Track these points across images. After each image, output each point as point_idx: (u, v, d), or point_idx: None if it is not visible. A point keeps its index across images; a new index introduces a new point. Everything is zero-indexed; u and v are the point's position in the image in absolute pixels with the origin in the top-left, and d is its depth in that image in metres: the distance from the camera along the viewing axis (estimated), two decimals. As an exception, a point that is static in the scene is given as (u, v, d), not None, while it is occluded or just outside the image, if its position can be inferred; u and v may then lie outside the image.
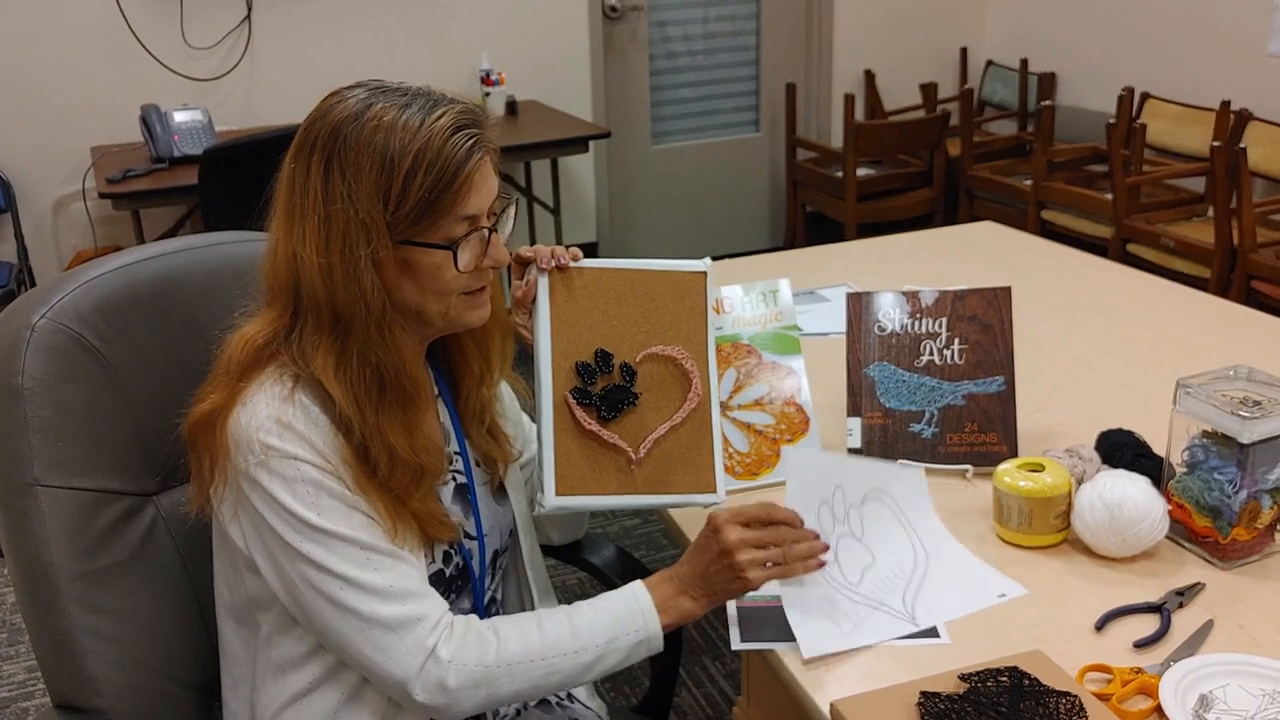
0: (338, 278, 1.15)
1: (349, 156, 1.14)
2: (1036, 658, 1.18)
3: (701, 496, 1.36)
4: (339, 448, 1.17)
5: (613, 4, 4.88)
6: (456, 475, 1.34)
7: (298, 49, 4.34)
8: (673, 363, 1.36)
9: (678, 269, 1.37)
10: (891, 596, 1.33)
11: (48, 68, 4.03)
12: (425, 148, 1.14)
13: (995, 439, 1.60)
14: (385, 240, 1.15)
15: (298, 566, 1.16)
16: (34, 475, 1.24)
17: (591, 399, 1.32)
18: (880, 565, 1.36)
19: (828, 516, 1.35)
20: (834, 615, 1.29)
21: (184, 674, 1.35)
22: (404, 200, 1.14)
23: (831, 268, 2.46)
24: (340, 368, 1.17)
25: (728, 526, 1.23)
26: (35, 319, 1.26)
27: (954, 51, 5.50)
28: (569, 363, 1.32)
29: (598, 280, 1.34)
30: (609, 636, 1.22)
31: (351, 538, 1.16)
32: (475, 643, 1.19)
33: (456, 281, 1.20)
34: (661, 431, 1.34)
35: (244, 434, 1.15)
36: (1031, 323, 2.07)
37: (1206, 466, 1.37)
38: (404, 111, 1.15)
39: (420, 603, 1.18)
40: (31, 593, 1.25)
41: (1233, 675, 1.16)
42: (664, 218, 5.28)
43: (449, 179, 1.15)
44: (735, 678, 2.52)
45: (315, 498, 1.15)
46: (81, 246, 4.19)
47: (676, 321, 1.36)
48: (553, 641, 1.21)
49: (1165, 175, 4.27)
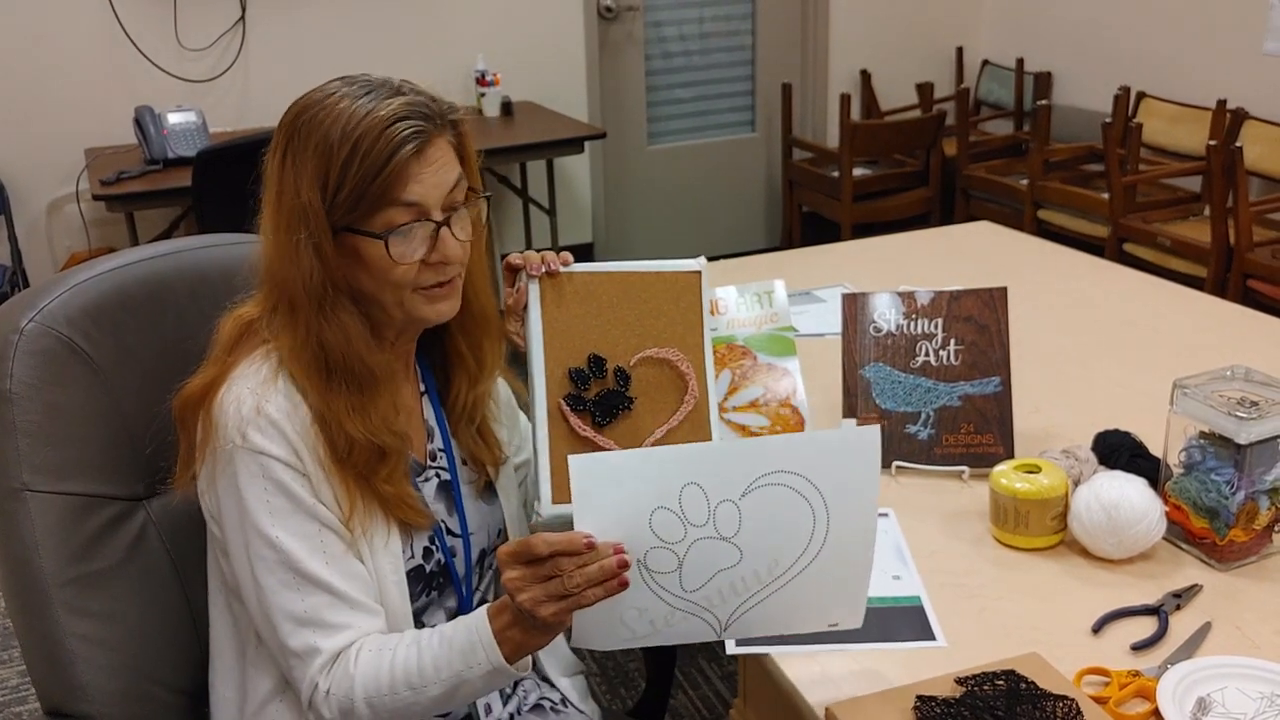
0: (283, 260, 1.18)
1: (298, 143, 1.17)
2: (1033, 661, 1.17)
3: None
4: (313, 434, 1.19)
5: (608, 4, 4.87)
6: (440, 472, 1.34)
7: (292, 51, 4.33)
8: (668, 365, 1.34)
9: (671, 269, 1.35)
10: (724, 604, 1.14)
11: (42, 69, 4.02)
12: (363, 135, 1.15)
13: (991, 440, 1.59)
14: (323, 226, 1.16)
15: (239, 554, 1.20)
16: (22, 480, 1.23)
17: (585, 405, 1.30)
18: (743, 566, 1.12)
19: (671, 522, 1.09)
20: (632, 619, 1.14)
21: (174, 679, 1.34)
22: (340, 187, 1.15)
23: (827, 268, 2.45)
24: (294, 348, 1.20)
25: (506, 568, 1.10)
26: (23, 322, 1.25)
27: (950, 51, 5.49)
28: (562, 369, 1.30)
29: (589, 284, 1.32)
30: (453, 671, 1.17)
31: (289, 554, 1.18)
32: (341, 675, 1.20)
33: (405, 274, 1.20)
34: (658, 435, 1.32)
35: (226, 416, 1.18)
36: (1028, 323, 2.06)
37: (1204, 467, 1.37)
38: (356, 101, 1.17)
39: (327, 635, 1.19)
40: (20, 598, 1.24)
41: (1231, 678, 1.16)
42: (660, 218, 5.27)
43: (379, 166, 1.15)
44: (732, 680, 2.51)
45: (271, 498, 1.17)
46: (75, 248, 4.18)
47: (671, 323, 1.35)
48: (400, 677, 1.18)
49: (1161, 174, 4.27)
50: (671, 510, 1.10)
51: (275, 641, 1.20)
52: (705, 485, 1.10)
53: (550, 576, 1.07)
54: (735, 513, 1.11)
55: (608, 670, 2.57)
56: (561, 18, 4.73)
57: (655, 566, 1.11)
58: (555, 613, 1.07)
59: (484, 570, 1.40)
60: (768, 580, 1.14)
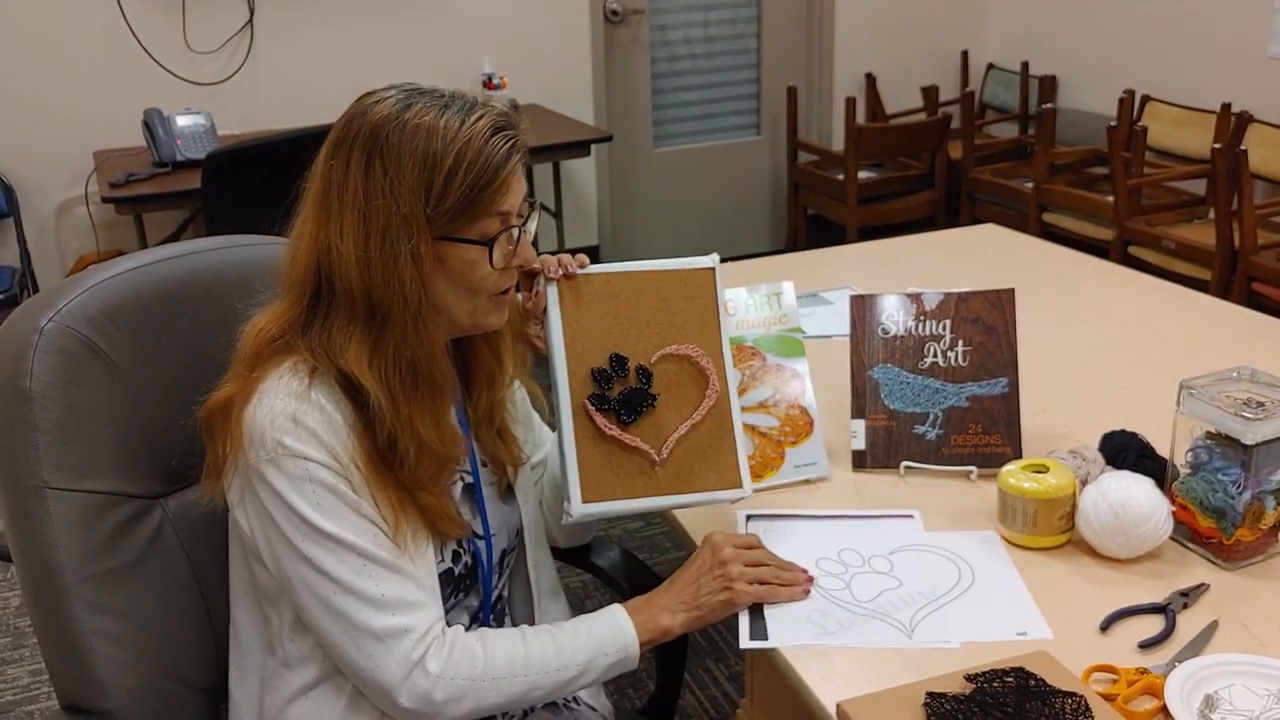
0: (377, 271, 1.17)
1: (391, 154, 1.17)
2: (1042, 658, 1.18)
3: (728, 493, 1.37)
4: (351, 446, 1.19)
5: (614, 7, 4.88)
6: (464, 475, 1.35)
7: (300, 53, 4.35)
8: (689, 361, 1.36)
9: (685, 267, 1.38)
10: (901, 612, 1.31)
11: (50, 72, 4.04)
12: (466, 147, 1.17)
13: (999, 440, 1.60)
14: (425, 235, 1.18)
15: (296, 566, 1.19)
16: (42, 478, 1.24)
17: (609, 404, 1.32)
18: (905, 589, 1.35)
19: (834, 565, 1.40)
20: (818, 619, 1.30)
21: (191, 675, 1.36)
22: (445, 197, 1.17)
23: (834, 270, 2.46)
24: (375, 360, 1.19)
25: (725, 543, 1.33)
26: (43, 322, 1.26)
27: (955, 54, 5.50)
28: (584, 369, 1.32)
29: (606, 285, 1.35)
30: (589, 656, 1.27)
31: (352, 543, 1.18)
32: (463, 656, 1.21)
33: (488, 279, 1.23)
34: (682, 431, 1.35)
35: (258, 429, 1.17)
36: (1034, 325, 2.07)
37: (1210, 468, 1.37)
38: (444, 113, 1.19)
39: (411, 614, 1.20)
40: (39, 595, 1.26)
41: (1238, 675, 1.17)
42: (666, 221, 5.29)
43: (489, 178, 1.18)
44: (739, 680, 2.52)
45: (321, 498, 1.17)
46: (84, 250, 4.20)
47: (689, 320, 1.37)
48: (536, 659, 1.24)
49: (1166, 178, 4.27)
50: (831, 559, 1.41)
51: (350, 638, 1.18)
52: (858, 548, 1.43)
53: (760, 564, 1.33)
54: (888, 564, 1.40)
55: (615, 670, 2.58)
56: (567, 21, 4.75)
57: (826, 585, 1.36)
58: (745, 591, 1.30)
59: (503, 570, 1.41)
60: (932, 598, 1.33)
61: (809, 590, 1.33)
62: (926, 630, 1.28)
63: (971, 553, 1.42)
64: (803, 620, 1.30)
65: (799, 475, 1.60)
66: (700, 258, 1.39)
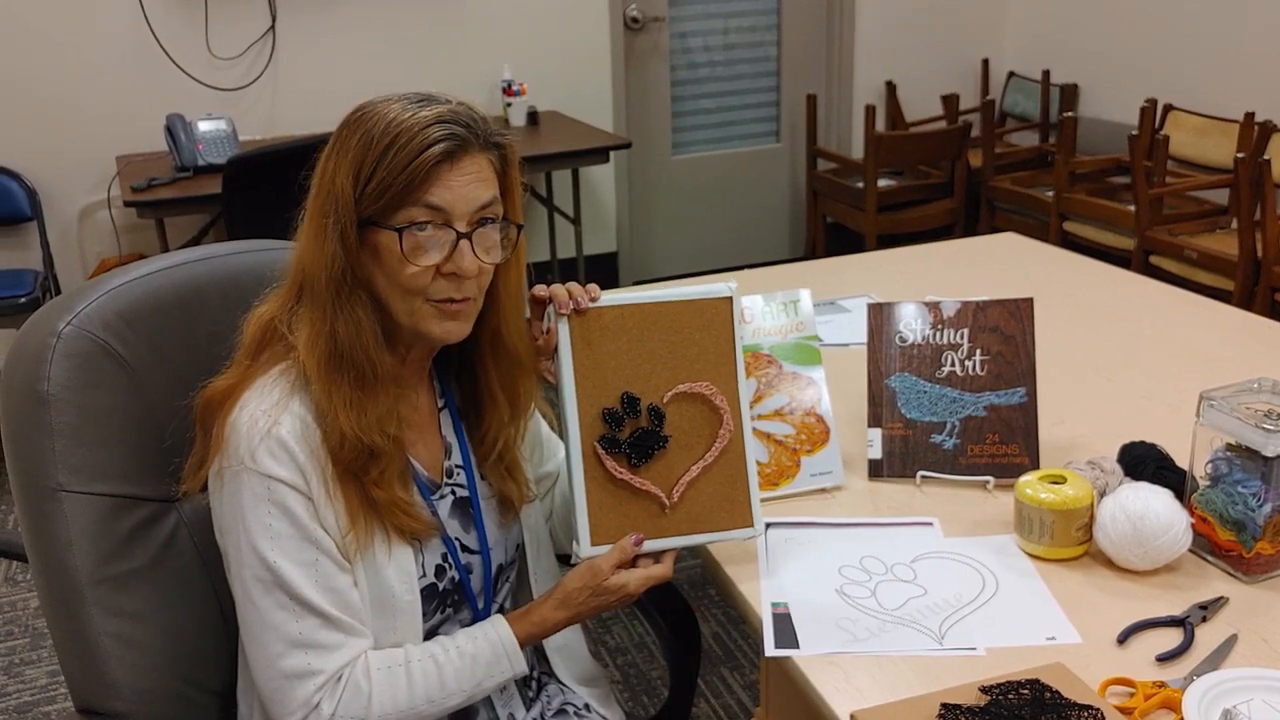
0: (311, 245, 1.21)
1: (345, 137, 1.21)
2: (1058, 670, 1.17)
3: (739, 532, 1.36)
4: (324, 454, 1.21)
5: (634, 14, 4.89)
6: (456, 489, 1.35)
7: (321, 59, 4.37)
8: (702, 399, 1.34)
9: (701, 297, 1.34)
10: (929, 619, 1.31)
11: (74, 77, 4.07)
12: (401, 133, 1.18)
13: (1017, 450, 1.59)
14: (350, 214, 1.19)
15: (235, 579, 1.22)
16: (58, 480, 1.25)
17: (620, 446, 1.31)
18: (930, 597, 1.35)
19: (857, 573, 1.40)
20: (848, 625, 1.30)
21: (205, 679, 1.36)
22: (371, 178, 1.18)
23: (852, 278, 2.46)
24: (311, 339, 1.21)
25: (608, 570, 1.29)
26: (61, 326, 1.27)
27: (975, 63, 5.49)
28: (595, 409, 1.31)
29: (619, 319, 1.31)
30: (475, 682, 1.28)
31: (285, 579, 1.19)
32: (350, 696, 1.21)
33: (416, 278, 1.20)
34: (694, 473, 1.33)
35: (235, 436, 1.19)
36: (1053, 334, 2.06)
37: (1230, 480, 1.36)
38: (408, 106, 1.20)
39: (324, 657, 1.20)
40: (54, 597, 1.26)
41: (1257, 690, 1.15)
42: (684, 228, 5.29)
43: (409, 162, 1.17)
44: (754, 689, 2.51)
45: (274, 521, 1.19)
46: (106, 254, 4.23)
47: (703, 353, 1.34)
48: (420, 693, 1.24)
49: (1188, 187, 4.25)
50: (854, 566, 1.41)
51: (263, 660, 1.21)
52: (880, 556, 1.42)
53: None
54: (911, 572, 1.39)
55: (630, 678, 2.58)
56: (587, 28, 4.76)
57: (851, 594, 1.35)
58: (636, 593, 1.30)
59: (500, 584, 1.41)
60: (958, 605, 1.32)
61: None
62: (956, 637, 1.27)
63: (992, 560, 1.41)
64: (832, 627, 1.29)
65: (814, 484, 1.60)
66: (717, 285, 1.36)
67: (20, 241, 4.13)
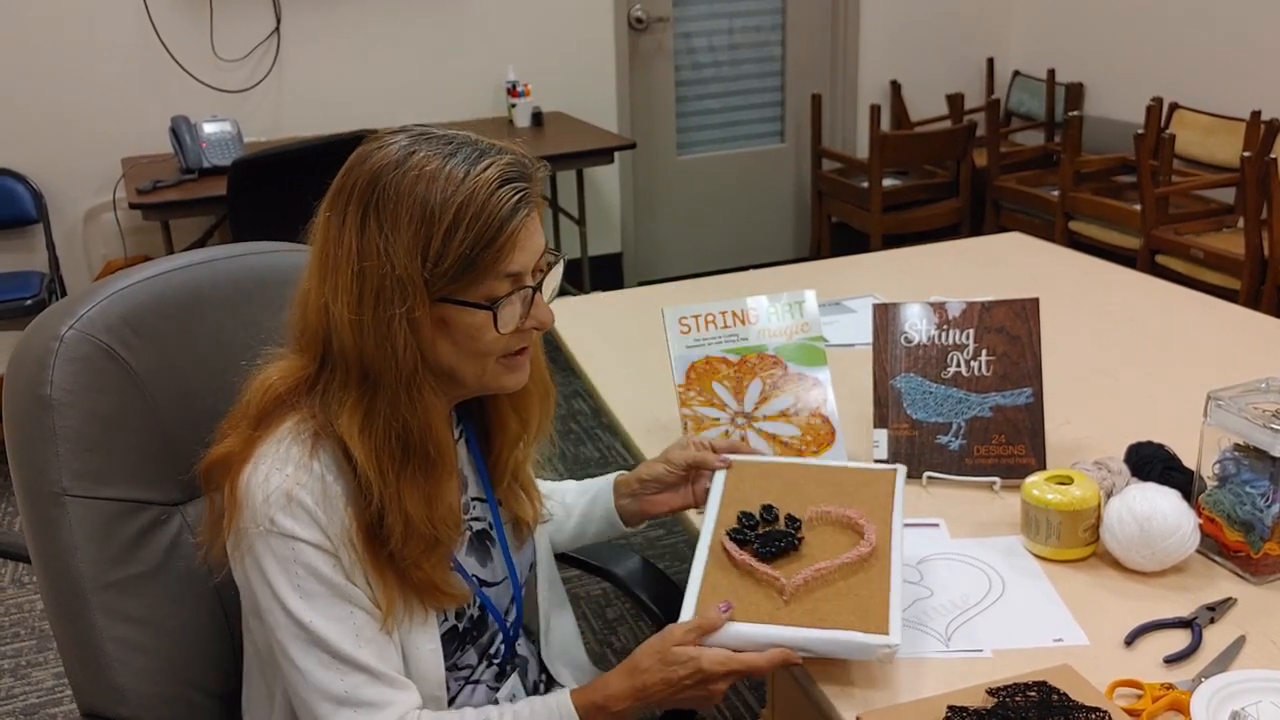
0: (369, 335, 1.10)
1: (387, 209, 1.09)
2: (1065, 672, 1.17)
3: (872, 638, 1.15)
4: (348, 521, 1.14)
5: (638, 15, 4.89)
6: (473, 523, 1.31)
7: (326, 61, 4.37)
8: (846, 519, 1.31)
9: (865, 468, 1.40)
10: (936, 620, 1.30)
11: (79, 80, 4.08)
12: (469, 201, 1.08)
13: (1023, 451, 1.59)
14: (422, 298, 1.09)
15: (276, 635, 1.15)
16: (62, 485, 1.25)
17: (748, 538, 1.28)
18: (936, 599, 1.34)
19: None
20: None
21: (209, 683, 1.36)
22: (444, 257, 1.08)
23: (857, 278, 2.45)
24: (365, 428, 1.12)
25: (708, 662, 1.16)
26: (63, 329, 1.27)
27: (980, 62, 5.48)
28: (733, 512, 1.33)
29: (778, 468, 1.40)
30: None
31: (323, 637, 1.13)
32: None
33: (496, 343, 1.15)
34: (824, 566, 1.23)
35: (252, 499, 1.12)
36: (1059, 334, 2.05)
37: (1238, 480, 1.36)
38: (448, 161, 1.10)
39: (371, 713, 1.15)
40: (59, 601, 1.26)
41: (1265, 692, 1.15)
42: (689, 228, 5.28)
43: (492, 235, 1.09)
44: (760, 689, 2.51)
45: (304, 583, 1.13)
46: (112, 256, 4.23)
47: (859, 500, 1.34)
48: None
49: (1194, 186, 4.24)
50: None
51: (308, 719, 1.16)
52: None
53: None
54: (917, 573, 1.37)
55: (635, 679, 2.57)
56: (592, 29, 4.76)
57: None
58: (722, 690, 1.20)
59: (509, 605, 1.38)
60: (965, 607, 1.31)
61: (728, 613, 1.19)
62: (962, 638, 1.27)
63: (999, 561, 1.41)
64: None
65: (820, 485, 1.59)
66: (880, 465, 1.41)
67: (26, 244, 4.14)
